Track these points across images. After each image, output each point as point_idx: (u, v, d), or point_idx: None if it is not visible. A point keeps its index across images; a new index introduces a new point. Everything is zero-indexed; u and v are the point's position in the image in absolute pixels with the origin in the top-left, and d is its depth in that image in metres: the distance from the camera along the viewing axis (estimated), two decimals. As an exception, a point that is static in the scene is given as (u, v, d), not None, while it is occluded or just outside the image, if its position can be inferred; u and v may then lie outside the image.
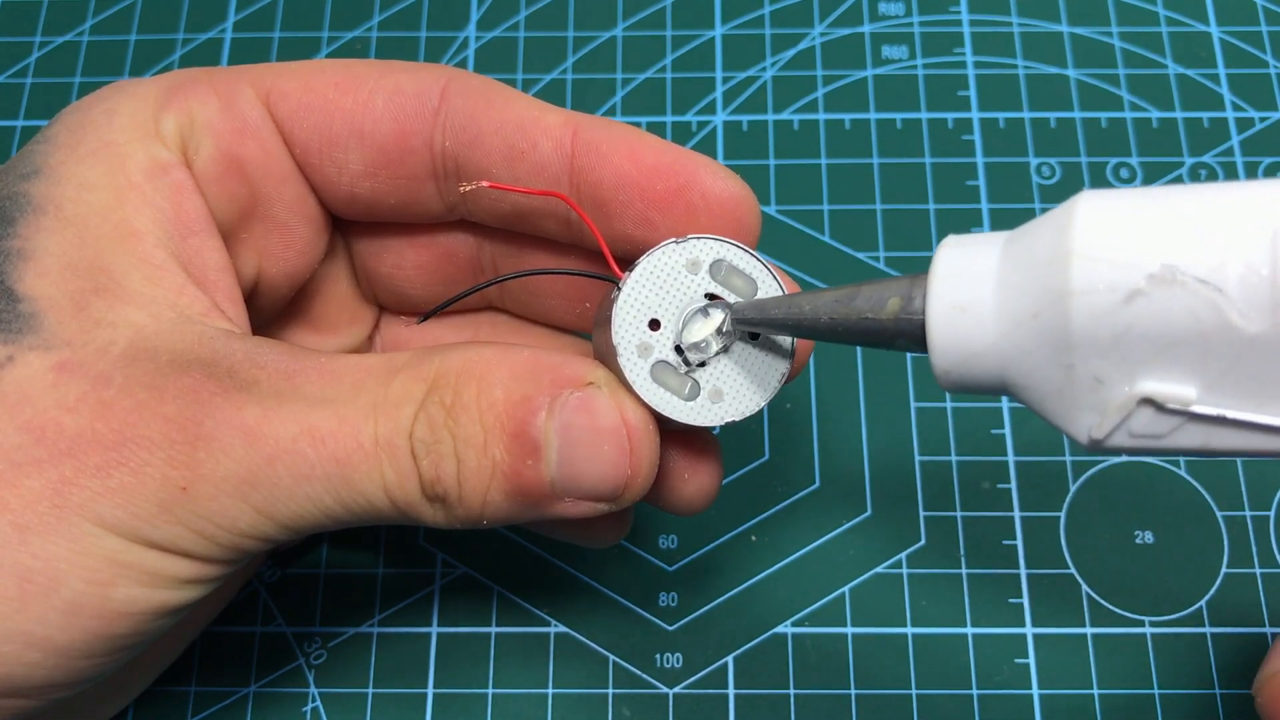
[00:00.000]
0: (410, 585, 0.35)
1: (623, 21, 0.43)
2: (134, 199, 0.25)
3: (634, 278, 0.24)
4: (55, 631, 0.22)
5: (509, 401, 0.23)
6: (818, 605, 0.34)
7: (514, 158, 0.26)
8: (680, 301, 0.24)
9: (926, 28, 0.42)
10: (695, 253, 0.24)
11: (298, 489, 0.23)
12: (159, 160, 0.25)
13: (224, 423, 0.22)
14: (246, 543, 0.23)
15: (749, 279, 0.24)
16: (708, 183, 0.25)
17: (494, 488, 0.23)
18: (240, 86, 0.26)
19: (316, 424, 0.23)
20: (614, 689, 0.33)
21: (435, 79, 0.26)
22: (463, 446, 0.23)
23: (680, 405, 0.24)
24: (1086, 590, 0.34)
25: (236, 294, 0.26)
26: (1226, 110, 0.40)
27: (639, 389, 0.24)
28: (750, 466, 0.36)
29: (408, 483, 0.23)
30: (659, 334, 0.24)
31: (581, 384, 0.23)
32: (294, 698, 0.34)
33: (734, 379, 0.24)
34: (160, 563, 0.23)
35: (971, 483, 0.36)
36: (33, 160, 0.25)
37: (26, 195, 0.24)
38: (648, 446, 0.24)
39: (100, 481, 0.22)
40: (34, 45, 0.43)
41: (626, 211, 0.26)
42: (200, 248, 0.25)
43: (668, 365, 0.24)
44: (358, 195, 0.27)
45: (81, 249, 0.24)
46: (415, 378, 0.23)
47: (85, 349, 0.23)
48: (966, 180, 0.40)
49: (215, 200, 0.26)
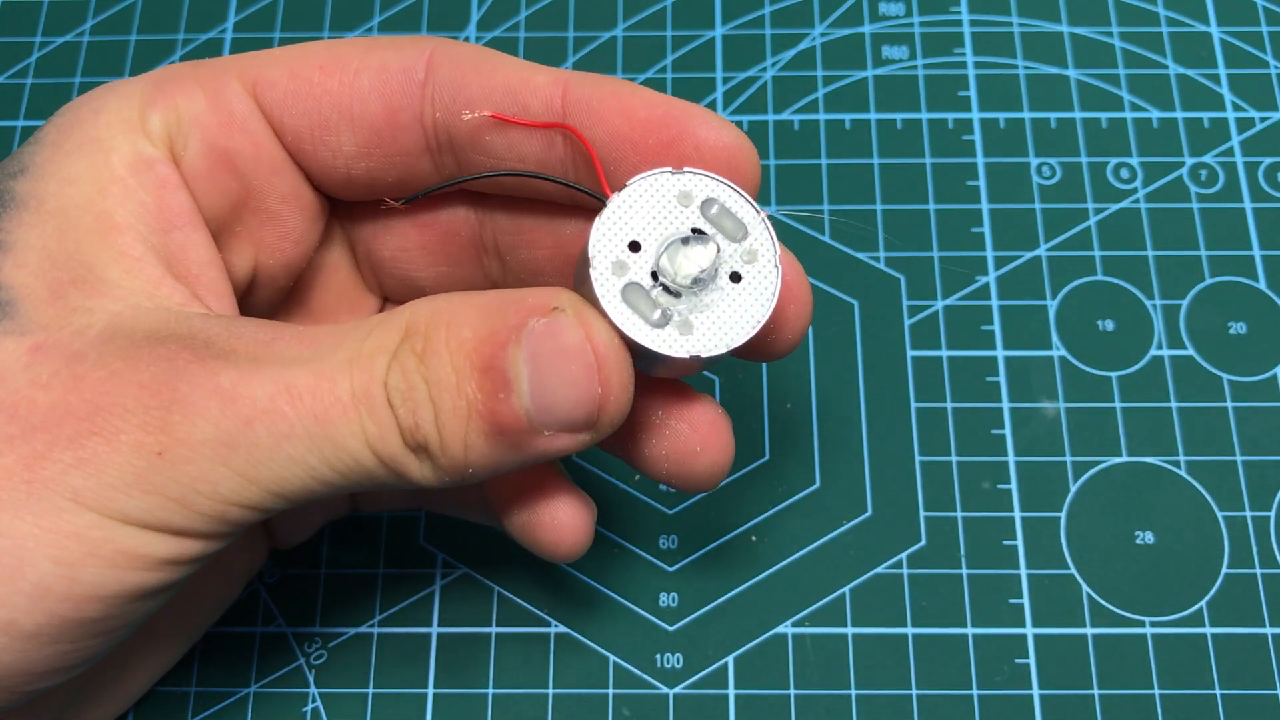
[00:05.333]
0: (410, 585, 0.35)
1: (623, 21, 0.43)
2: (116, 192, 0.25)
3: (623, 195, 0.23)
4: (20, 615, 0.22)
5: (477, 338, 0.23)
6: (818, 605, 0.34)
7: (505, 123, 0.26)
8: (665, 230, 0.24)
9: (926, 28, 0.42)
10: (689, 185, 0.24)
11: (279, 449, 0.22)
12: (143, 155, 0.25)
13: (199, 386, 0.22)
14: (232, 511, 0.23)
15: (739, 223, 0.24)
16: (701, 133, 0.25)
17: (472, 428, 0.23)
18: (226, 79, 0.26)
19: (293, 381, 0.22)
20: (614, 689, 0.33)
21: (420, 51, 0.26)
22: (436, 390, 0.23)
23: (646, 329, 0.23)
24: (1086, 590, 0.34)
25: (223, 287, 0.26)
26: (1227, 110, 0.40)
27: (605, 302, 0.23)
28: (750, 467, 0.36)
29: (388, 434, 0.23)
30: (637, 255, 0.23)
31: (547, 310, 0.23)
32: (294, 698, 0.34)
33: (708, 316, 0.24)
34: (136, 539, 0.22)
35: (971, 483, 0.36)
36: (21, 160, 0.25)
37: (11, 192, 0.25)
38: (615, 364, 0.23)
39: (72, 453, 0.22)
40: (34, 45, 0.43)
41: (620, 167, 0.25)
42: (184, 242, 0.25)
43: (640, 288, 0.23)
44: (354, 176, 0.27)
45: (61, 241, 0.24)
46: (389, 329, 0.23)
47: (61, 332, 0.23)
48: (966, 180, 0.40)
49: (206, 195, 0.26)
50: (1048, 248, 0.39)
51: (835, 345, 0.38)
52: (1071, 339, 0.37)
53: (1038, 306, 0.38)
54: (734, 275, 0.24)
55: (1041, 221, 0.39)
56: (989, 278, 0.38)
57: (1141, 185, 0.39)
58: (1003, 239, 0.39)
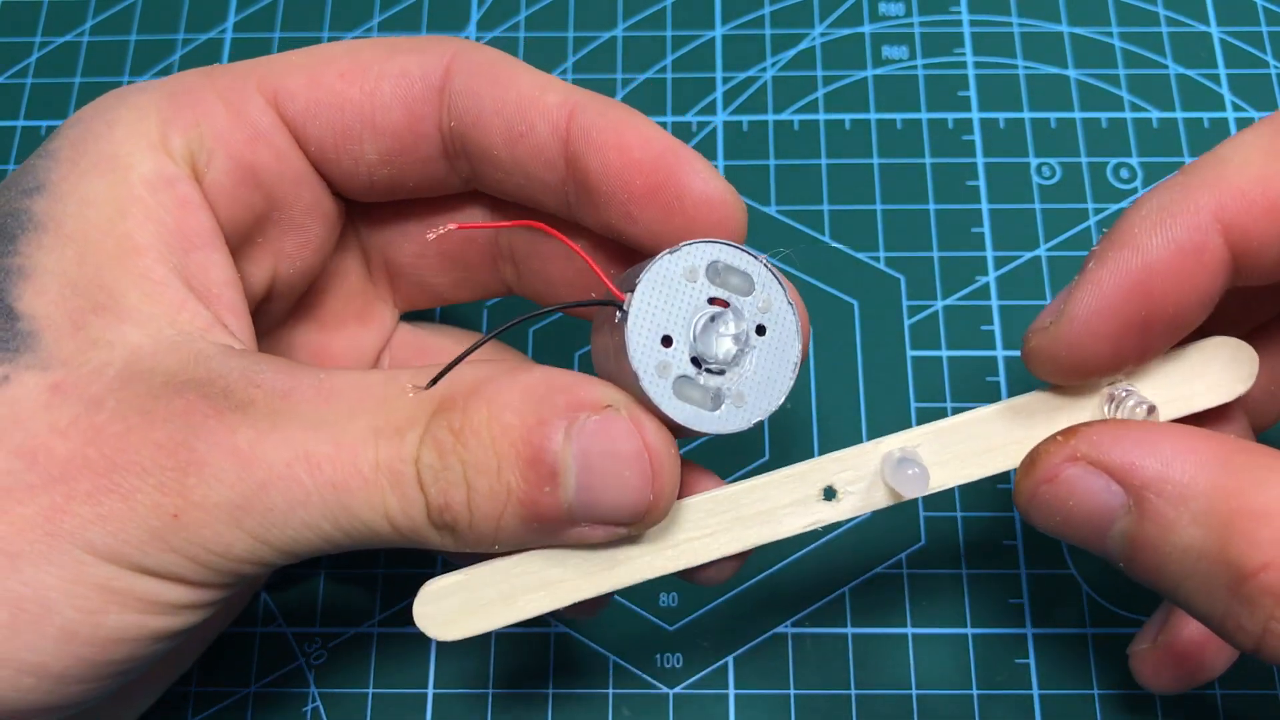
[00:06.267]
0: (410, 585, 0.35)
1: (623, 21, 0.43)
2: (136, 213, 0.24)
3: (638, 298, 0.23)
4: (49, 659, 0.22)
5: (523, 426, 0.22)
6: (818, 605, 0.34)
7: (513, 140, 0.26)
8: (686, 312, 0.24)
9: (926, 28, 0.42)
10: (690, 260, 0.24)
11: (293, 515, 0.22)
12: (163, 173, 0.25)
13: (216, 446, 0.22)
14: (243, 568, 0.23)
15: (745, 276, 0.24)
16: (685, 181, 0.25)
17: (508, 514, 0.23)
18: (246, 91, 0.26)
19: (312, 449, 0.22)
20: (614, 689, 0.33)
21: (440, 57, 0.26)
22: (474, 473, 0.22)
23: (709, 417, 0.24)
24: (1086, 590, 0.34)
25: (241, 307, 0.26)
26: (1227, 110, 0.40)
27: (668, 410, 0.23)
28: (750, 467, 0.36)
29: (412, 510, 0.23)
30: (673, 350, 0.23)
31: (598, 407, 0.23)
32: (294, 698, 0.34)
33: (752, 379, 0.24)
34: (154, 589, 0.23)
35: (971, 482, 0.36)
36: (35, 176, 0.25)
37: (28, 212, 0.24)
38: (670, 469, 0.23)
39: (91, 509, 0.22)
40: (34, 45, 0.43)
41: (610, 203, 0.25)
42: (204, 262, 0.25)
43: (688, 380, 0.24)
44: (376, 182, 0.27)
45: (81, 266, 0.24)
46: (419, 399, 0.23)
47: (81, 370, 0.23)
48: (966, 180, 0.40)
49: (229, 211, 0.26)
50: (1048, 248, 0.39)
51: (835, 345, 0.38)
52: (1071, 339, 0.37)
53: (1038, 306, 0.38)
54: (759, 329, 0.24)
55: (1041, 221, 0.39)
56: (989, 278, 0.38)
57: (1141, 185, 0.39)
58: (1003, 239, 0.39)
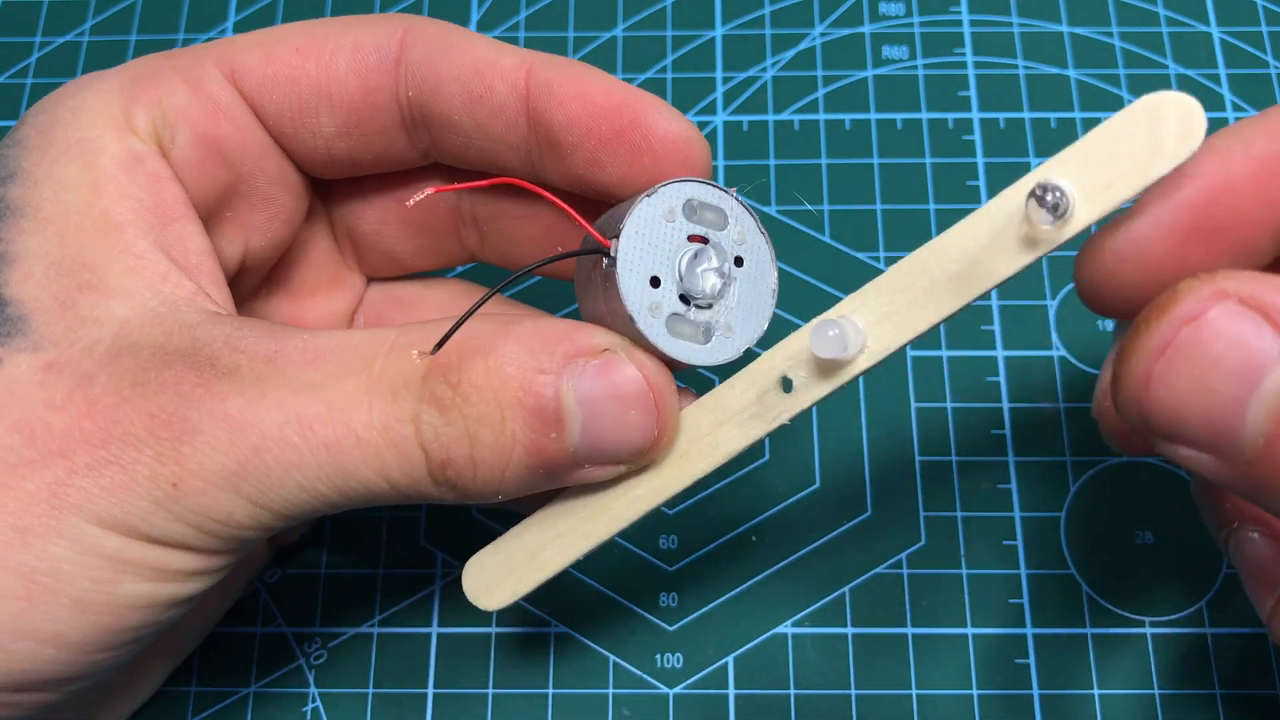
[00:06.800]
0: (410, 585, 0.35)
1: (623, 21, 0.43)
2: (111, 191, 0.25)
3: (624, 243, 0.24)
4: (66, 628, 0.22)
5: (524, 376, 0.23)
6: (818, 605, 0.34)
7: (473, 103, 0.26)
8: (669, 251, 0.24)
9: (926, 28, 0.42)
10: (667, 200, 0.24)
11: (289, 478, 0.23)
12: (133, 151, 0.25)
13: (208, 414, 0.22)
14: (245, 533, 0.23)
15: (718, 210, 0.25)
16: (651, 122, 0.25)
17: (513, 463, 0.23)
18: (204, 68, 0.26)
19: (303, 411, 0.23)
20: (614, 689, 0.33)
21: (393, 30, 0.27)
22: (477, 426, 0.23)
23: (703, 350, 0.24)
24: (1086, 590, 0.34)
25: (219, 276, 0.26)
26: (1227, 110, 0.40)
27: (665, 348, 0.24)
28: (750, 467, 0.36)
29: (411, 467, 0.23)
30: (662, 289, 0.24)
31: (597, 351, 0.23)
32: (294, 698, 0.34)
33: (738, 309, 0.25)
34: (163, 557, 0.23)
35: (971, 483, 0.36)
36: (6, 165, 0.25)
37: (5, 199, 0.25)
38: (672, 404, 0.24)
39: (93, 481, 0.22)
40: (34, 45, 0.43)
41: (577, 153, 0.26)
42: (181, 234, 0.25)
43: (679, 316, 0.24)
44: (335, 156, 0.28)
45: (63, 247, 0.24)
46: (409, 356, 0.23)
47: (72, 349, 0.23)
48: (966, 180, 0.40)
49: (197, 184, 0.26)
50: (1048, 248, 0.39)
51: (835, 345, 0.38)
52: (1071, 339, 0.37)
53: (1038, 306, 0.38)
54: (738, 260, 0.25)
55: (1041, 221, 0.39)
56: (989, 278, 0.38)
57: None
58: (1003, 239, 0.39)
